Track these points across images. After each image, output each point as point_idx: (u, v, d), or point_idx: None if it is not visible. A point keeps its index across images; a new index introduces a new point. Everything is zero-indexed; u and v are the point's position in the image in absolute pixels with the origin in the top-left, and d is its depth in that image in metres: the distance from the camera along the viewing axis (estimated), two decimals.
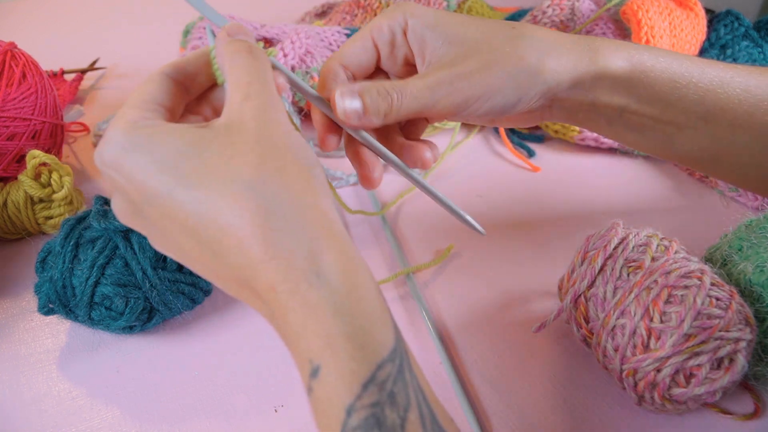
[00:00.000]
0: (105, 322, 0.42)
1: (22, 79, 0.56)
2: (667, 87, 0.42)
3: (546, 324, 0.40)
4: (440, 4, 0.93)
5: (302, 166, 0.27)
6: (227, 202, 0.26)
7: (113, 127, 0.28)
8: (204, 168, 0.26)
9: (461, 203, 0.59)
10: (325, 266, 0.25)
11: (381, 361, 0.24)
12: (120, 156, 0.27)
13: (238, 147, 0.27)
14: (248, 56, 0.30)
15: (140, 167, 0.27)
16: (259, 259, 0.25)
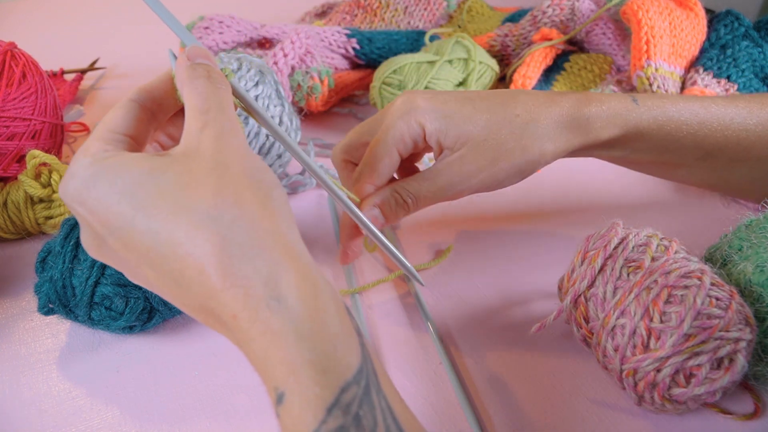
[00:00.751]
0: (105, 322, 0.42)
1: (22, 79, 0.56)
2: (664, 140, 0.45)
3: (546, 324, 0.40)
4: (440, 4, 0.93)
5: (259, 190, 0.27)
6: (185, 231, 0.25)
7: (75, 160, 0.29)
8: (160, 197, 0.26)
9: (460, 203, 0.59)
10: (285, 291, 0.25)
11: (345, 384, 0.24)
12: (82, 189, 0.28)
13: (194, 175, 0.27)
14: (206, 82, 0.30)
15: (100, 199, 0.27)
16: (219, 287, 0.25)
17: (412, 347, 0.43)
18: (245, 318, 0.25)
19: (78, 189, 0.28)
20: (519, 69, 0.74)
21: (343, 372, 0.24)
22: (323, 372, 0.24)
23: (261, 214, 0.26)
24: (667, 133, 0.44)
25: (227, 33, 0.80)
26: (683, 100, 0.45)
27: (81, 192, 0.28)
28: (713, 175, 0.47)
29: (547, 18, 0.80)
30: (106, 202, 0.27)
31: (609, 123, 0.43)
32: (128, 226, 0.26)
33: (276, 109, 0.56)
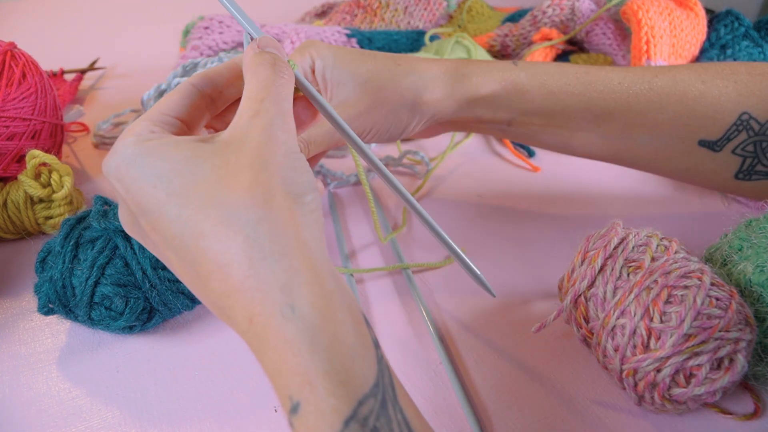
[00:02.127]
0: (105, 322, 0.42)
1: (22, 79, 0.56)
2: (548, 101, 0.45)
3: (546, 324, 0.40)
4: (440, 4, 0.93)
5: (290, 194, 0.27)
6: (210, 225, 0.25)
7: (120, 138, 0.29)
8: (194, 187, 0.26)
9: (461, 203, 0.59)
10: (300, 300, 0.25)
11: (362, 397, 0.24)
12: (122, 167, 0.28)
13: (231, 168, 0.26)
14: (269, 70, 0.30)
15: (137, 180, 0.27)
16: (236, 288, 0.25)
17: (412, 347, 0.43)
18: (260, 323, 0.25)
19: (118, 167, 0.28)
20: None
21: (361, 385, 0.24)
22: (340, 384, 0.24)
23: (287, 219, 0.26)
24: (550, 92, 0.45)
25: (227, 33, 0.80)
26: (567, 65, 0.46)
27: (120, 170, 0.28)
28: (614, 143, 0.47)
29: (547, 18, 0.80)
30: (142, 184, 0.27)
31: (487, 78, 0.45)
32: (159, 211, 0.26)
33: None
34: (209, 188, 0.26)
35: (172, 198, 0.26)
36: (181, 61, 0.79)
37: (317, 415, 0.23)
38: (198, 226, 0.26)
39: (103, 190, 0.62)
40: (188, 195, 0.26)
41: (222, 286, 0.25)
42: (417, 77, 0.44)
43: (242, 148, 0.27)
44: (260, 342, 0.25)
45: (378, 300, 0.48)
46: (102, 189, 0.62)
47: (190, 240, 0.26)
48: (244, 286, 0.25)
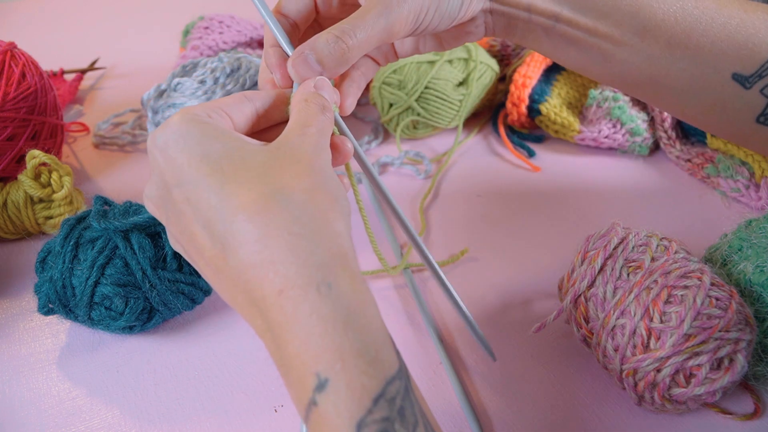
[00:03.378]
0: (105, 322, 0.42)
1: (21, 78, 0.56)
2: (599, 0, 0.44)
3: (546, 324, 0.40)
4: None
5: (330, 192, 0.28)
6: (252, 199, 0.26)
7: (176, 114, 0.30)
8: (243, 169, 0.28)
9: (461, 203, 0.59)
10: (339, 279, 0.25)
11: (390, 378, 0.25)
12: (171, 139, 0.29)
13: (280, 161, 0.28)
14: (318, 108, 0.32)
15: (185, 152, 0.28)
16: (273, 259, 0.25)
17: (412, 347, 0.43)
18: (294, 295, 0.25)
19: (167, 138, 0.29)
20: (519, 69, 0.74)
21: (389, 367, 0.25)
22: (371, 363, 0.24)
23: (327, 212, 0.27)
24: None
25: (227, 33, 0.80)
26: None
27: (168, 140, 0.29)
28: (654, 63, 0.46)
29: None
30: (189, 155, 0.28)
31: None
32: (201, 182, 0.27)
33: None
34: (258, 171, 0.27)
35: (217, 173, 0.27)
36: (181, 61, 0.79)
37: (347, 392, 0.24)
38: (240, 198, 0.26)
39: (103, 190, 0.62)
40: (235, 173, 0.27)
41: (254, 258, 0.26)
42: None
43: (291, 151, 0.29)
44: (286, 317, 0.25)
45: (378, 300, 0.47)
46: (102, 189, 0.62)
47: (227, 211, 0.27)
48: (281, 257, 0.25)
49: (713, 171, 0.58)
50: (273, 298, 0.25)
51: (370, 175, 0.37)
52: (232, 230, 0.26)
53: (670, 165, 0.64)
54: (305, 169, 0.28)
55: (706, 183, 0.61)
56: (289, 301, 0.25)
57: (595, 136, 0.65)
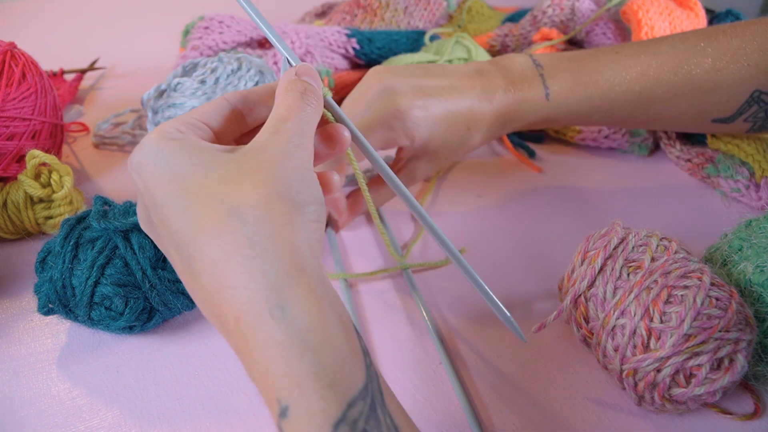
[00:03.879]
0: (105, 322, 0.42)
1: (22, 79, 0.56)
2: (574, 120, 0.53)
3: (546, 324, 0.40)
4: (440, 4, 0.93)
5: (292, 202, 0.27)
6: (211, 220, 0.26)
7: (148, 134, 0.30)
8: (205, 186, 0.27)
9: (461, 203, 0.59)
10: (291, 301, 0.25)
11: (351, 400, 0.24)
12: (142, 160, 0.29)
13: (243, 172, 0.28)
14: (298, 96, 0.31)
15: (155, 174, 0.28)
16: (228, 284, 0.25)
17: (412, 347, 0.43)
18: (248, 322, 0.25)
19: (139, 160, 0.29)
20: None
21: (350, 387, 0.24)
22: (329, 386, 0.24)
23: (284, 223, 0.26)
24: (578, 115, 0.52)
25: (227, 33, 0.80)
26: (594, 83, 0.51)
27: (141, 163, 0.29)
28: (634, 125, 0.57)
29: (547, 18, 0.80)
30: (159, 177, 0.28)
31: (523, 121, 0.52)
32: (169, 204, 0.27)
33: None
34: (218, 188, 0.27)
35: (182, 193, 0.27)
36: (181, 61, 0.79)
37: (307, 419, 0.23)
38: (199, 220, 0.26)
39: (103, 190, 0.62)
40: (198, 192, 0.27)
41: (213, 283, 0.26)
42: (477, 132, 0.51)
43: (257, 157, 0.28)
44: (246, 342, 0.25)
45: (378, 300, 0.48)
46: (102, 189, 0.62)
47: (189, 234, 0.26)
48: (234, 282, 0.25)
49: (713, 171, 0.58)
50: (232, 324, 0.25)
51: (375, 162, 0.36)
52: (195, 254, 0.26)
53: (670, 165, 0.64)
54: (265, 178, 0.27)
55: (706, 183, 0.61)
56: (246, 328, 0.25)
57: (595, 136, 0.65)
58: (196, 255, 0.26)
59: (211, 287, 0.26)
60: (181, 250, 0.27)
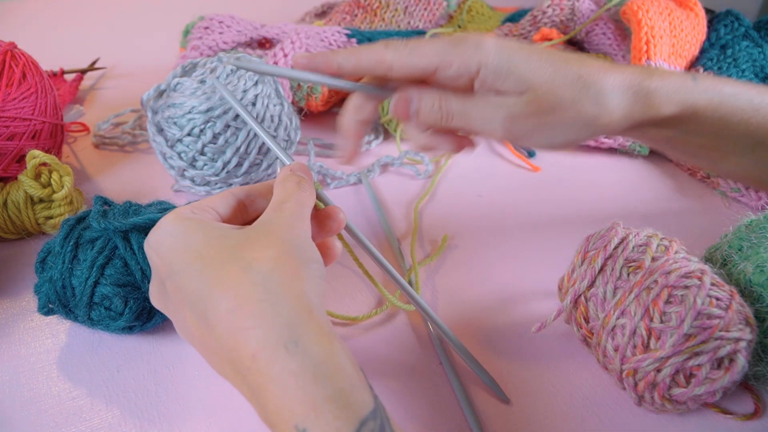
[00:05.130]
0: (104, 322, 0.42)
1: (22, 79, 0.56)
2: (717, 124, 0.43)
3: (546, 324, 0.40)
4: (440, 4, 0.93)
5: (297, 259, 0.31)
6: (226, 276, 0.29)
7: (165, 216, 0.33)
8: (220, 253, 0.30)
9: (461, 203, 0.59)
10: (304, 336, 0.28)
11: (364, 419, 0.26)
12: (159, 237, 0.32)
13: (253, 238, 0.31)
14: (294, 186, 0.35)
15: (172, 248, 0.31)
16: (244, 326, 0.28)
17: (412, 347, 0.43)
18: (264, 357, 0.27)
19: (157, 237, 0.32)
20: None
21: (361, 408, 0.27)
22: (343, 407, 0.26)
23: (294, 274, 0.30)
24: (721, 117, 0.43)
25: (227, 33, 0.80)
26: (740, 84, 0.44)
27: (158, 239, 0.32)
28: (759, 169, 0.46)
29: (547, 18, 0.80)
30: (176, 250, 0.31)
31: (669, 99, 0.41)
32: (186, 271, 0.30)
33: (275, 108, 0.56)
34: (231, 252, 0.30)
35: (198, 261, 0.30)
36: (180, 61, 0.79)
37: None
38: (216, 278, 0.29)
39: (103, 190, 0.62)
40: (213, 257, 0.30)
41: (229, 329, 0.28)
42: (598, 92, 0.39)
43: (264, 228, 0.32)
44: (263, 377, 0.27)
45: (378, 300, 0.48)
46: (102, 189, 0.62)
47: (206, 290, 0.29)
48: (250, 323, 0.28)
49: None
50: (249, 362, 0.27)
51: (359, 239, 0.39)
52: (211, 306, 0.29)
53: (670, 165, 0.64)
54: (274, 240, 0.31)
55: (706, 183, 0.61)
56: (262, 363, 0.27)
57: None
58: (213, 307, 0.29)
59: (226, 333, 0.28)
60: (196, 306, 0.30)
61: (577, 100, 0.39)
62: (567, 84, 0.39)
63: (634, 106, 0.40)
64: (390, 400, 0.39)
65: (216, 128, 0.52)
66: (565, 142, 0.40)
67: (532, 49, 0.40)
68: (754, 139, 0.44)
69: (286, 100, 0.59)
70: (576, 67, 0.40)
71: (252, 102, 0.53)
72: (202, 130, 0.52)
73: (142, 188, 0.62)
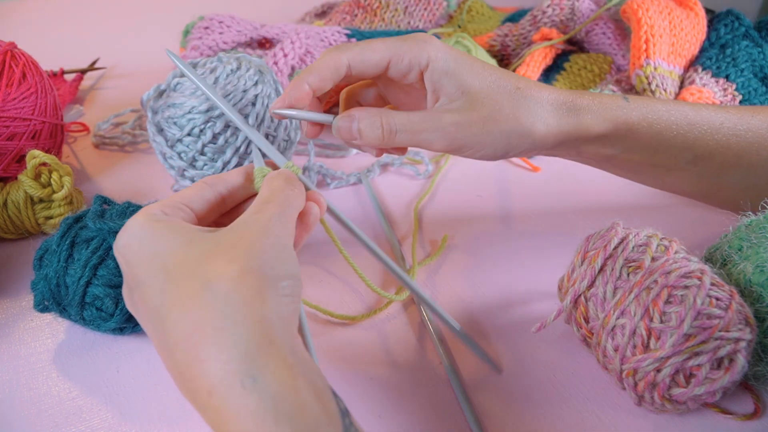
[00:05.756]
0: (96, 322, 0.42)
1: (22, 79, 0.56)
2: (654, 139, 0.45)
3: (546, 324, 0.40)
4: (440, 4, 0.93)
5: (263, 278, 0.28)
6: (185, 295, 0.27)
7: (133, 216, 0.31)
8: (183, 265, 0.28)
9: (461, 203, 0.59)
10: (262, 370, 0.25)
11: None
12: (127, 242, 0.30)
13: (220, 248, 0.29)
14: (282, 181, 0.34)
15: (137, 254, 0.30)
16: (200, 357, 0.26)
17: (412, 347, 0.43)
18: (220, 394, 0.25)
19: (124, 242, 0.30)
20: (519, 69, 0.74)
21: None
22: None
23: (253, 298, 0.27)
24: (657, 132, 0.44)
25: (227, 33, 0.80)
26: (673, 102, 0.45)
27: (126, 245, 0.30)
28: (705, 181, 0.47)
29: (547, 18, 0.80)
30: (141, 257, 0.29)
31: (600, 116, 0.43)
32: (149, 283, 0.28)
33: None
34: (194, 265, 0.28)
35: (161, 272, 0.28)
36: None
37: None
38: (175, 296, 0.27)
39: (103, 190, 0.62)
40: (175, 269, 0.28)
41: (186, 357, 0.26)
42: (534, 104, 0.42)
43: (236, 234, 0.30)
44: (220, 416, 0.25)
45: (378, 300, 0.48)
46: (102, 189, 0.62)
47: (165, 310, 0.27)
48: (206, 355, 0.26)
49: None
50: (205, 398, 0.26)
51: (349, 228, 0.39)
52: (169, 329, 0.27)
53: None
54: (240, 253, 0.28)
55: None
56: (218, 401, 0.25)
57: None
58: (171, 329, 0.27)
59: (184, 361, 0.26)
60: (157, 326, 0.28)
61: (515, 109, 0.41)
62: (506, 93, 0.41)
63: (567, 119, 0.42)
64: (390, 400, 0.39)
65: (216, 128, 0.52)
66: (505, 152, 0.42)
67: (474, 58, 0.42)
68: (694, 153, 0.45)
69: None
70: (514, 80, 0.42)
71: (252, 102, 0.53)
72: (202, 130, 0.52)
73: (142, 188, 0.62)
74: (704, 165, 0.46)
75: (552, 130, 0.42)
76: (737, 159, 0.45)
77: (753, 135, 0.45)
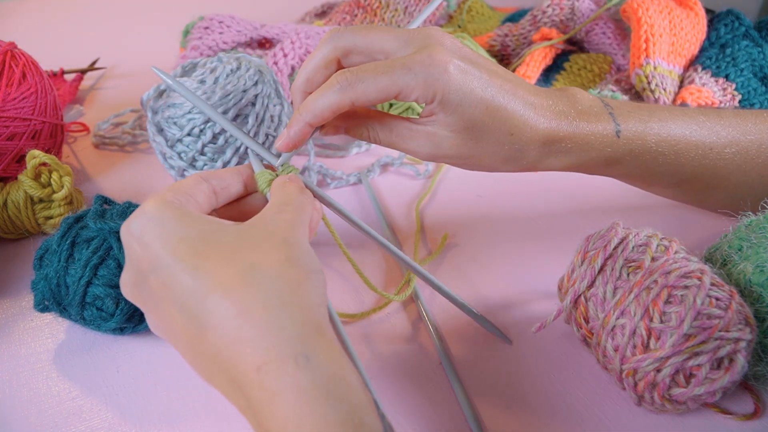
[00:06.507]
0: (96, 322, 0.42)
1: (22, 79, 0.56)
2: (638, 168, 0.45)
3: (546, 324, 0.40)
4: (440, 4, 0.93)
5: (299, 268, 0.29)
6: (229, 276, 0.27)
7: (147, 202, 0.31)
8: (217, 249, 0.28)
9: (461, 203, 0.59)
10: (315, 351, 0.26)
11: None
12: (145, 224, 0.30)
13: (253, 238, 0.29)
14: (296, 190, 0.35)
15: (161, 238, 0.29)
16: (246, 336, 0.26)
17: (412, 347, 0.43)
18: (272, 370, 0.25)
19: (142, 224, 0.30)
20: (519, 68, 0.74)
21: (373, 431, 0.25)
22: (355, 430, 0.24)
23: (300, 283, 0.28)
24: (643, 162, 0.44)
25: (227, 33, 0.80)
26: (665, 129, 0.44)
27: (144, 227, 0.30)
28: (689, 197, 0.49)
29: (547, 18, 0.80)
30: (166, 241, 0.29)
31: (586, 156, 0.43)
32: (175, 266, 0.28)
33: (275, 108, 0.56)
34: (230, 252, 0.28)
35: (191, 256, 0.28)
36: (180, 61, 0.79)
37: None
38: (215, 277, 0.27)
39: (103, 190, 0.62)
40: (210, 254, 0.28)
41: (227, 337, 0.26)
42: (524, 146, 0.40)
43: (267, 228, 0.30)
44: (266, 393, 0.25)
45: (378, 300, 0.48)
46: (102, 189, 0.62)
47: (201, 291, 0.27)
48: (255, 333, 0.26)
49: None
50: (252, 374, 0.25)
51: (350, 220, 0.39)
52: (208, 309, 0.27)
53: None
54: (278, 244, 0.29)
55: None
56: (268, 376, 0.25)
57: None
58: (209, 311, 0.27)
59: (223, 342, 0.26)
60: (188, 308, 0.27)
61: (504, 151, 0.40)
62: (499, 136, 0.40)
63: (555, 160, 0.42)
64: (390, 400, 0.39)
65: (216, 128, 0.52)
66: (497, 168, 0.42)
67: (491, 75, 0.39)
68: (680, 177, 0.46)
69: (286, 101, 0.59)
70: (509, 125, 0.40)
71: (252, 102, 0.53)
72: (202, 130, 0.52)
73: (143, 188, 0.62)
74: (688, 186, 0.46)
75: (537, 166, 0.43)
76: (724, 181, 0.46)
77: (741, 158, 0.45)
